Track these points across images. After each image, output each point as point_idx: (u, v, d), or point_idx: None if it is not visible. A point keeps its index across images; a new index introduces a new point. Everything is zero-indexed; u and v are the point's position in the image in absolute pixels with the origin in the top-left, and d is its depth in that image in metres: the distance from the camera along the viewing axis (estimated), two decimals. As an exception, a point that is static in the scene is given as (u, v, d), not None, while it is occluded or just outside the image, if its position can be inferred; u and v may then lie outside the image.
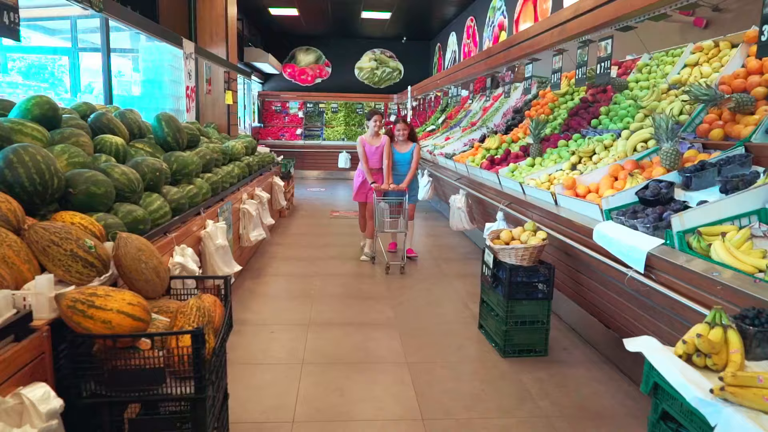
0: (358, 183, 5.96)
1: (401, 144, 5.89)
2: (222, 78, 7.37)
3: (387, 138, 5.77)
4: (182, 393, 1.84)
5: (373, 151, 5.77)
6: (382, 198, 5.69)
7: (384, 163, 5.72)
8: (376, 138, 5.80)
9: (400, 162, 5.87)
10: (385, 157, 5.70)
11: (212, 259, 3.67)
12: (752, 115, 3.30)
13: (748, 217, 2.51)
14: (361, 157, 5.77)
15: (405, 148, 5.89)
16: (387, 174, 5.72)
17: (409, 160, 5.85)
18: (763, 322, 1.66)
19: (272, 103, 14.81)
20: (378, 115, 5.80)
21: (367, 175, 5.74)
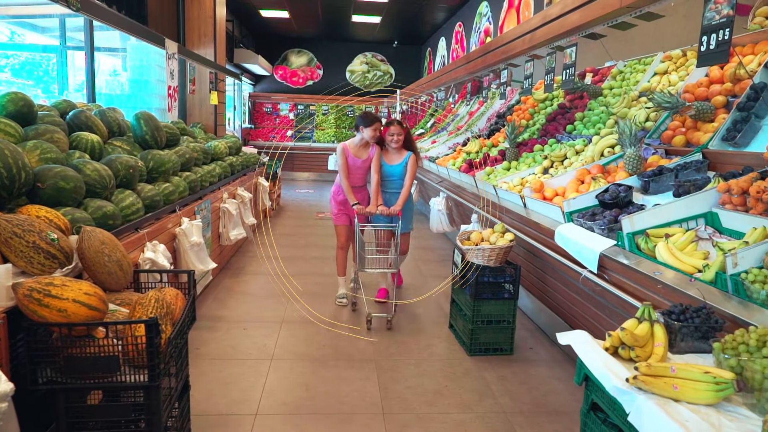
0: (338, 200, 4.52)
1: (392, 153, 4.45)
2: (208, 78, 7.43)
3: (377, 148, 4.40)
4: (137, 381, 1.91)
5: (358, 165, 4.37)
6: (366, 224, 4.47)
7: (372, 180, 4.40)
8: (363, 149, 4.40)
9: (389, 176, 4.44)
10: (374, 172, 4.33)
11: (186, 256, 3.73)
12: (711, 123, 3.40)
13: (696, 220, 2.60)
14: (341, 170, 4.34)
15: (397, 158, 4.44)
16: (375, 193, 4.32)
17: (401, 175, 4.41)
18: (688, 317, 1.75)
19: (263, 104, 14.88)
20: (378, 123, 4.33)
21: (348, 194, 4.33)
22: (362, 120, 4.33)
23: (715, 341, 1.57)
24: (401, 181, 4.43)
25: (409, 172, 4.39)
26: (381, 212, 4.28)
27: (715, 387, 1.40)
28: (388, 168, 4.45)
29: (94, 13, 3.63)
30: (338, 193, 4.53)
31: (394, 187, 4.47)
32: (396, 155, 4.45)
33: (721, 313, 1.83)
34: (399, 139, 4.36)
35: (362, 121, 4.32)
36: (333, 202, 4.60)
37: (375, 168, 4.37)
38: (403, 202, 4.33)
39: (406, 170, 4.41)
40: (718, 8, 2.23)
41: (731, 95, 3.43)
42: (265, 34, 14.54)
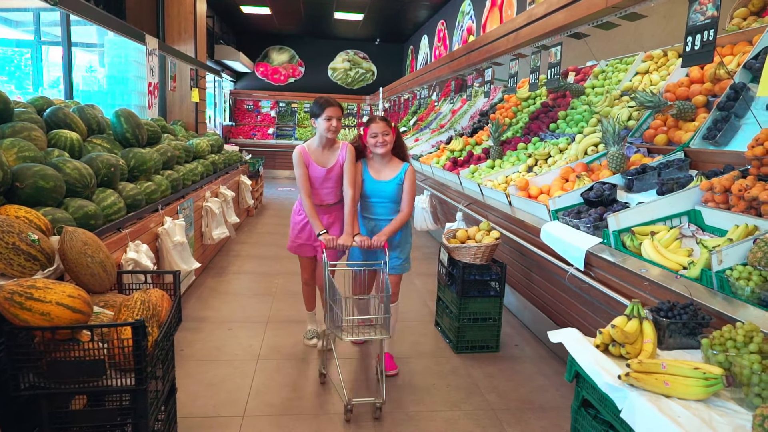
0: (298, 220, 3.37)
1: (379, 163, 3.18)
2: (189, 75, 7.33)
3: (350, 150, 3.18)
4: (123, 385, 1.87)
5: (323, 176, 3.17)
6: (338, 263, 3.20)
7: (346, 196, 3.14)
8: (329, 151, 3.19)
9: (377, 197, 3.18)
10: (348, 185, 3.12)
11: (169, 256, 3.67)
12: (693, 122, 3.46)
13: (680, 218, 2.65)
14: (301, 184, 3.15)
15: (388, 171, 3.18)
16: (350, 218, 3.11)
17: (395, 196, 3.16)
18: (676, 314, 1.77)
19: (244, 101, 14.73)
20: (333, 108, 3.09)
21: (311, 218, 3.12)
22: (313, 106, 3.11)
23: (703, 338, 1.60)
24: (394, 205, 3.16)
25: (408, 193, 3.11)
26: (360, 245, 3.00)
27: (705, 383, 1.42)
28: (374, 185, 3.15)
29: (73, 8, 3.54)
30: (300, 212, 3.32)
31: (383, 212, 3.19)
32: (386, 167, 3.16)
33: (707, 310, 1.86)
34: (385, 141, 3.04)
35: (313, 108, 3.11)
36: (292, 223, 3.39)
37: (349, 179, 3.11)
38: (395, 230, 3.07)
39: (403, 190, 3.12)
40: (702, 9, 2.27)
41: (711, 95, 3.49)
42: (245, 30, 14.39)
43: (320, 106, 3.08)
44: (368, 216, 3.26)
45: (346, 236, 3.07)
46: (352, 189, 3.13)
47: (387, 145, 3.10)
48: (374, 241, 3.02)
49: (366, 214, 3.26)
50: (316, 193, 3.22)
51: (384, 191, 3.16)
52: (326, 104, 3.06)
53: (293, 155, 3.18)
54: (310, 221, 3.14)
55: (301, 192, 3.19)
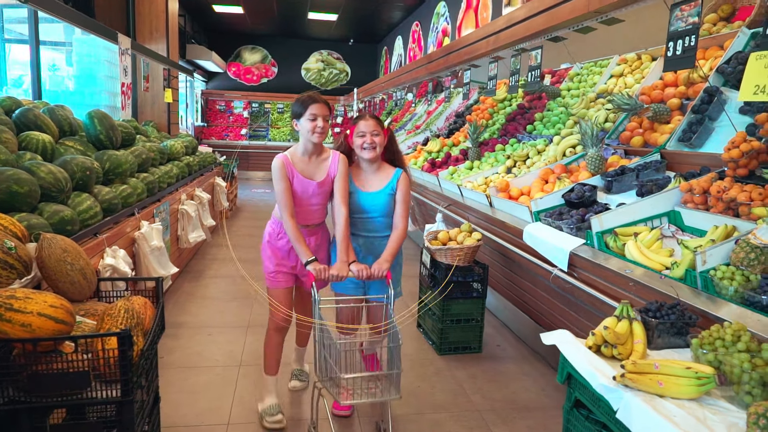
0: (283, 248, 2.70)
1: (368, 170, 2.68)
2: (161, 75, 7.17)
3: (343, 161, 2.63)
4: (108, 396, 1.81)
5: (312, 191, 2.61)
6: (336, 299, 2.72)
7: (336, 216, 2.60)
8: (317, 160, 2.62)
9: (364, 212, 2.67)
10: (341, 202, 2.58)
11: (147, 261, 3.59)
12: (668, 124, 3.55)
13: (660, 219, 2.71)
14: (282, 201, 2.55)
15: (376, 179, 2.67)
16: (345, 242, 2.55)
17: (386, 209, 2.66)
18: (664, 314, 1.81)
19: (216, 102, 14.51)
20: (318, 105, 2.51)
21: (296, 244, 2.51)
22: (295, 105, 2.56)
23: (693, 337, 1.63)
24: (387, 220, 2.66)
25: (402, 204, 2.62)
26: (357, 275, 2.46)
27: (697, 382, 1.45)
28: (361, 198, 2.63)
29: (42, 5, 3.42)
30: (282, 235, 2.67)
31: (371, 228, 2.67)
32: (374, 175, 2.65)
33: (693, 309, 1.90)
34: (374, 142, 2.55)
35: (295, 107, 2.56)
36: (267, 248, 2.72)
37: (342, 195, 2.57)
38: (396, 252, 2.58)
39: (396, 201, 2.63)
40: (683, 16, 2.33)
41: (685, 98, 3.59)
42: (217, 29, 14.17)
43: (302, 103, 2.51)
44: (358, 234, 2.70)
45: (341, 265, 2.48)
46: (345, 207, 2.57)
47: (376, 148, 2.56)
48: (375, 270, 2.47)
49: (356, 231, 2.70)
50: (300, 212, 2.60)
51: (373, 205, 2.62)
52: (310, 101, 2.50)
53: (273, 166, 2.56)
54: (295, 247, 2.51)
55: (283, 211, 2.53)
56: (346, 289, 2.71)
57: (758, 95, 1.79)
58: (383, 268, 2.49)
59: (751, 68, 1.84)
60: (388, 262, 2.52)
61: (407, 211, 2.64)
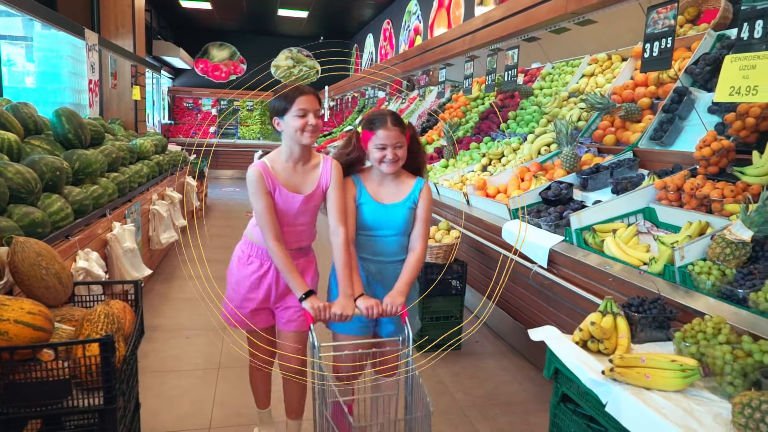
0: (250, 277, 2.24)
1: (384, 178, 2.18)
2: (129, 72, 6.98)
3: (337, 167, 2.15)
4: (90, 405, 1.75)
5: (298, 207, 2.12)
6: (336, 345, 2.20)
7: (336, 238, 2.08)
8: (303, 168, 2.14)
9: (382, 227, 2.16)
10: (339, 221, 2.09)
11: (120, 263, 3.49)
12: (639, 123, 3.64)
13: (635, 215, 2.78)
14: (266, 219, 2.06)
15: (396, 188, 2.19)
16: (347, 270, 2.05)
17: (406, 223, 2.17)
18: (646, 309, 1.86)
19: (183, 99, 14.21)
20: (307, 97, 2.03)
21: (288, 273, 2.04)
22: (277, 101, 2.06)
23: (676, 331, 1.68)
24: (405, 239, 2.17)
25: (423, 222, 2.16)
26: (367, 313, 1.98)
27: (683, 374, 1.50)
28: (377, 210, 2.13)
29: None
30: (251, 259, 2.22)
31: (390, 251, 2.16)
32: (392, 184, 2.17)
33: (672, 303, 1.96)
34: (396, 156, 2.07)
35: (276, 104, 2.05)
36: (234, 273, 2.30)
37: (339, 211, 2.08)
38: (412, 282, 2.10)
39: (416, 218, 2.16)
40: (660, 18, 2.39)
41: (655, 97, 3.69)
42: (184, 25, 13.87)
43: (286, 97, 2.02)
44: (367, 257, 2.17)
45: (345, 301, 1.98)
46: (344, 226, 2.06)
47: (399, 162, 2.09)
48: (387, 306, 1.98)
49: (364, 254, 2.17)
50: (289, 233, 2.13)
51: (392, 220, 2.12)
52: (296, 93, 2.01)
53: (250, 178, 2.04)
54: (287, 278, 2.03)
55: (266, 234, 2.04)
56: (350, 329, 2.14)
57: (733, 96, 1.86)
58: (397, 302, 1.99)
59: (726, 70, 1.91)
60: (403, 295, 2.01)
61: (428, 230, 2.21)
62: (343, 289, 2.02)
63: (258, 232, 2.16)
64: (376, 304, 1.99)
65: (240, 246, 2.33)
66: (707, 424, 1.35)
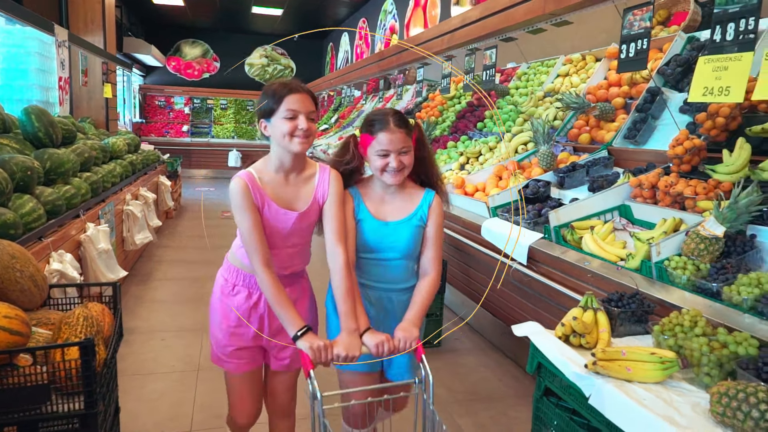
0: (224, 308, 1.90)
1: (387, 190, 1.86)
2: (99, 69, 6.82)
3: (336, 177, 1.83)
4: (70, 410, 1.71)
5: (291, 226, 1.79)
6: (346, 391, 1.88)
7: (334, 260, 1.77)
8: (295, 179, 1.82)
9: (385, 249, 1.85)
10: (338, 240, 1.78)
11: (94, 265, 3.41)
12: (613, 122, 3.72)
13: (611, 213, 2.84)
14: (253, 240, 1.71)
15: (401, 202, 1.87)
16: (350, 299, 1.73)
17: (413, 244, 1.85)
18: (625, 304, 1.91)
19: (155, 97, 13.93)
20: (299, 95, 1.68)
21: (280, 306, 1.69)
22: (264, 99, 1.74)
23: (654, 324, 1.73)
24: (411, 263, 1.89)
25: (435, 241, 1.87)
26: (376, 352, 1.68)
27: (662, 366, 1.54)
28: (376, 229, 1.84)
29: (-27, -7, 3.18)
30: (234, 287, 1.88)
31: (395, 277, 1.88)
32: (396, 198, 1.87)
33: (650, 298, 2.01)
34: (402, 165, 1.78)
35: (263, 103, 1.73)
36: (218, 307, 1.94)
37: (338, 229, 1.79)
38: (425, 310, 1.82)
39: (426, 237, 1.87)
40: (636, 20, 2.45)
41: (629, 97, 3.78)
42: (155, 22, 13.60)
43: (274, 94, 1.69)
44: (368, 283, 1.88)
45: (349, 338, 1.67)
46: (344, 247, 1.76)
47: (404, 171, 1.78)
48: (400, 341, 1.68)
49: (365, 279, 1.89)
50: (280, 255, 1.81)
51: (395, 240, 1.82)
52: (285, 90, 1.68)
53: (233, 191, 1.72)
54: (278, 312, 1.70)
55: (253, 258, 1.71)
56: (356, 365, 1.76)
57: (707, 96, 1.92)
58: (411, 336, 1.70)
59: (699, 71, 1.97)
60: (416, 326, 1.74)
61: (441, 251, 1.88)
62: (346, 323, 1.70)
63: (240, 254, 1.84)
64: (386, 339, 1.67)
65: (222, 273, 1.94)
66: (687, 414, 1.39)
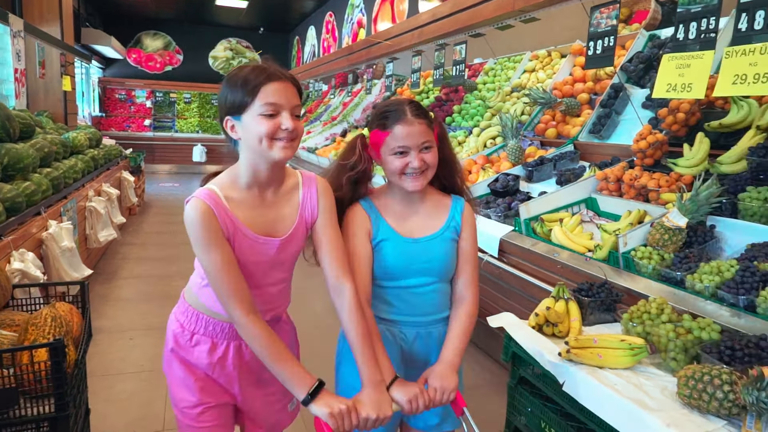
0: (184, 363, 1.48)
1: (408, 199, 1.50)
2: (57, 61, 6.57)
3: (322, 187, 1.42)
4: (40, 413, 1.66)
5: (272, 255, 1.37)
6: None
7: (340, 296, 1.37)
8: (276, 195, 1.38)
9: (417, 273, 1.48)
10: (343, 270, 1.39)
11: (57, 264, 3.31)
12: (578, 117, 3.82)
13: (579, 205, 2.92)
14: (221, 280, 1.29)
15: (427, 215, 1.51)
16: (366, 345, 1.32)
17: (448, 263, 1.50)
18: (594, 293, 1.97)
19: (115, 90, 13.51)
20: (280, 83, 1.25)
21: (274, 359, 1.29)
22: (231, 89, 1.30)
23: (623, 312, 1.80)
24: (443, 286, 1.53)
25: (471, 257, 1.56)
26: (410, 409, 1.30)
27: (631, 352, 1.60)
28: (406, 249, 1.48)
29: None
30: (193, 335, 1.48)
31: (429, 307, 1.52)
32: (421, 208, 1.53)
33: (617, 287, 2.09)
34: (424, 164, 1.42)
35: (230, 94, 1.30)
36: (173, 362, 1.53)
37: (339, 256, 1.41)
38: (464, 347, 1.46)
39: (460, 252, 1.54)
40: (603, 18, 2.51)
41: (593, 93, 3.88)
42: (114, 12, 13.17)
43: (247, 84, 1.27)
44: (395, 318, 1.52)
45: (376, 393, 1.29)
46: (350, 279, 1.39)
47: (428, 172, 1.45)
48: (437, 392, 1.34)
49: (390, 314, 1.52)
50: (262, 295, 1.41)
51: (428, 261, 1.49)
52: (262, 78, 1.26)
53: (191, 219, 1.32)
54: (279, 372, 1.31)
55: (231, 303, 1.29)
56: None
57: (670, 92, 2.00)
58: (450, 386, 1.36)
59: (663, 68, 2.04)
60: (455, 371, 1.40)
61: (477, 271, 1.56)
62: (369, 375, 1.30)
63: (209, 295, 1.40)
64: (420, 391, 1.30)
65: (176, 315, 1.50)
66: (656, 396, 1.45)
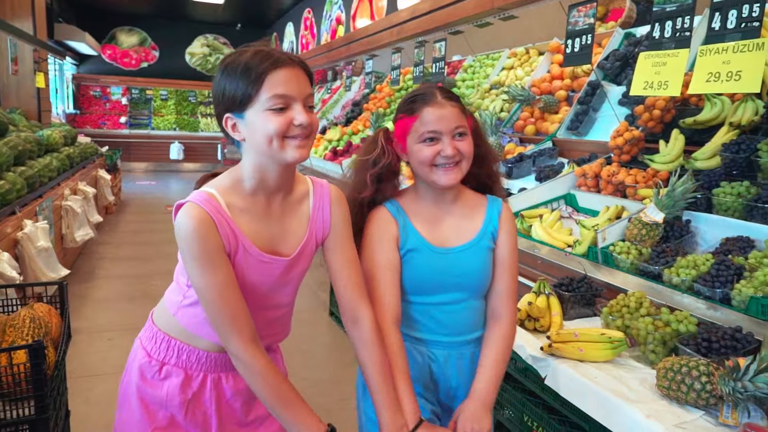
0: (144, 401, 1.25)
1: (438, 201, 1.35)
2: (30, 57, 6.41)
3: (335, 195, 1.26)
4: (20, 416, 1.64)
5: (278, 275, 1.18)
6: None
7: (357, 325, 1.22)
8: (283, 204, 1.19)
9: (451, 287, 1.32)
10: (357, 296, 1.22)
11: (34, 264, 3.24)
12: (557, 114, 3.87)
13: (558, 201, 2.97)
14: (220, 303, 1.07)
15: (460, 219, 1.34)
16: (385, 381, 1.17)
17: (486, 276, 1.34)
18: (575, 288, 2.01)
19: (90, 87, 13.24)
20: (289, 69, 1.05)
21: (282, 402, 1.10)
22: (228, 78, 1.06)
23: (603, 306, 1.84)
24: (479, 303, 1.37)
25: (509, 269, 1.36)
26: None
27: (611, 345, 1.64)
28: (438, 261, 1.32)
29: None
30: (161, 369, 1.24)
31: (460, 324, 1.35)
32: (454, 210, 1.37)
33: (597, 282, 2.13)
34: (459, 153, 1.26)
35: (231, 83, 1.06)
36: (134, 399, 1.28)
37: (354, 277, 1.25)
38: (501, 377, 1.31)
39: (497, 262, 1.36)
40: (580, 16, 2.55)
41: (571, 90, 3.93)
42: (89, 8, 12.89)
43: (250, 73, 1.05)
44: (424, 338, 1.36)
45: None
46: (368, 305, 1.24)
47: (462, 164, 1.29)
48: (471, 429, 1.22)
49: (418, 333, 1.37)
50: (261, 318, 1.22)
51: (462, 273, 1.33)
52: (268, 64, 1.05)
53: (185, 228, 1.07)
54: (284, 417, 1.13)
55: (229, 331, 1.10)
56: None
57: (647, 90, 2.04)
58: (484, 428, 1.23)
59: (640, 66, 2.09)
60: (489, 409, 1.26)
61: (516, 284, 1.39)
62: (389, 421, 1.16)
63: (184, 317, 1.21)
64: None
65: (142, 341, 1.30)
66: (636, 388, 1.49)
